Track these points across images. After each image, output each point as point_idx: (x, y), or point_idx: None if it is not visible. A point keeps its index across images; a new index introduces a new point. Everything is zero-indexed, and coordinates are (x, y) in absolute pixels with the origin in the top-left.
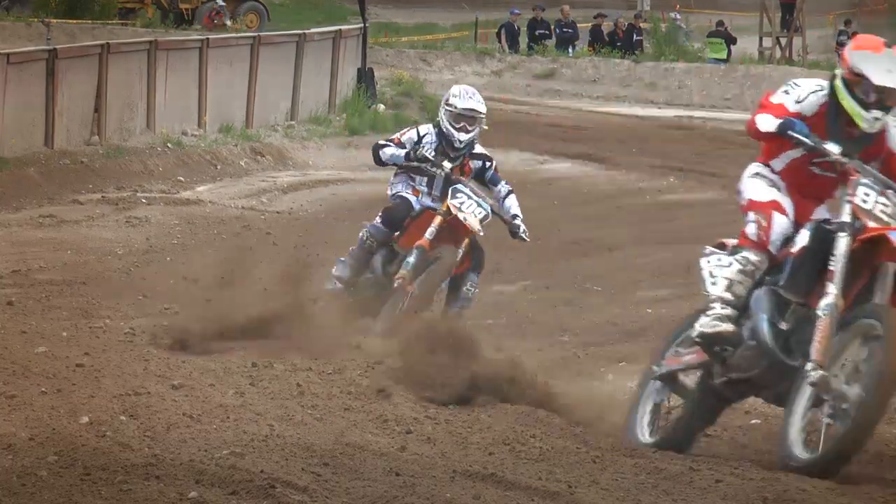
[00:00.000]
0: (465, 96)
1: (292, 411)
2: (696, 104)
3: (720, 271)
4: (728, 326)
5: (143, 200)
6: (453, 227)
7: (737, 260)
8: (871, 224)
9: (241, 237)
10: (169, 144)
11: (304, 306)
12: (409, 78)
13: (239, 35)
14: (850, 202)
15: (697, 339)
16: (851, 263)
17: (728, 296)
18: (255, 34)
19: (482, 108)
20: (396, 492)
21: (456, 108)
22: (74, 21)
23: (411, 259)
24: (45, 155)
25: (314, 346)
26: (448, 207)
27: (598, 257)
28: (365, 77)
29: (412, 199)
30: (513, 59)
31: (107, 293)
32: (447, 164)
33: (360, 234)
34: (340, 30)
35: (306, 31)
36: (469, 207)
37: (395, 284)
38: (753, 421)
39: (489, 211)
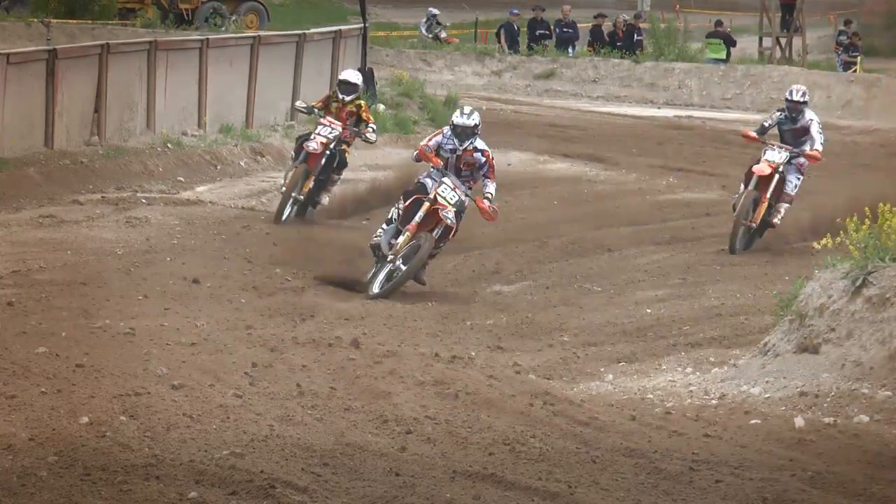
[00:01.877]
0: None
1: (292, 411)
2: (695, 104)
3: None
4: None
5: (143, 201)
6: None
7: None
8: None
9: (241, 237)
10: (169, 145)
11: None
12: (409, 78)
13: (239, 35)
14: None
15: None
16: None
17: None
18: (255, 34)
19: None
20: (396, 492)
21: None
22: (74, 21)
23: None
24: (45, 155)
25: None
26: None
27: (598, 257)
28: (365, 77)
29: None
30: (513, 59)
31: (107, 293)
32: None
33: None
34: (340, 30)
35: (306, 31)
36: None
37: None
38: (753, 421)
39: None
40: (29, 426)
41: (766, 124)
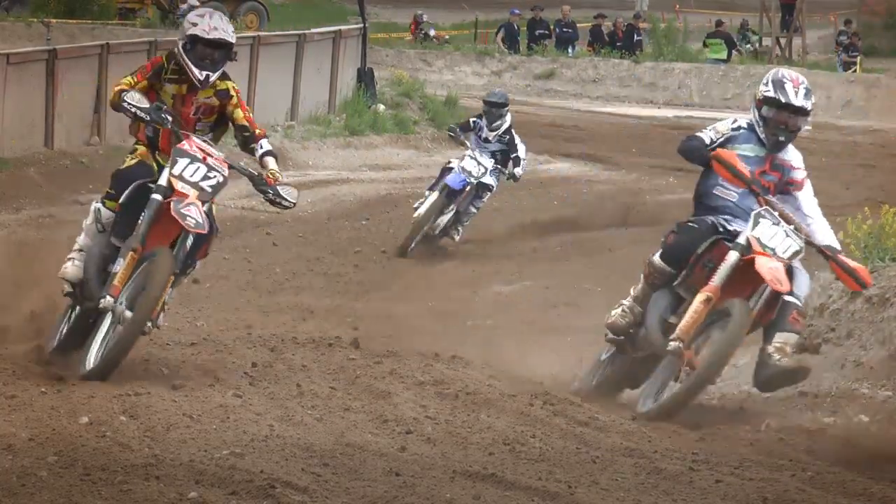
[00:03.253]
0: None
1: (292, 411)
2: (695, 104)
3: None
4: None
5: None
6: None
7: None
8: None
9: (241, 237)
10: None
11: None
12: (409, 78)
13: (239, 35)
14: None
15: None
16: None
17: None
18: (255, 34)
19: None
20: (396, 492)
21: None
22: (74, 21)
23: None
24: (44, 155)
25: None
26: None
27: (599, 257)
28: (365, 77)
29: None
30: (513, 59)
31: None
32: None
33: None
34: (340, 30)
35: (306, 31)
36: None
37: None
38: (752, 421)
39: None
40: (29, 426)
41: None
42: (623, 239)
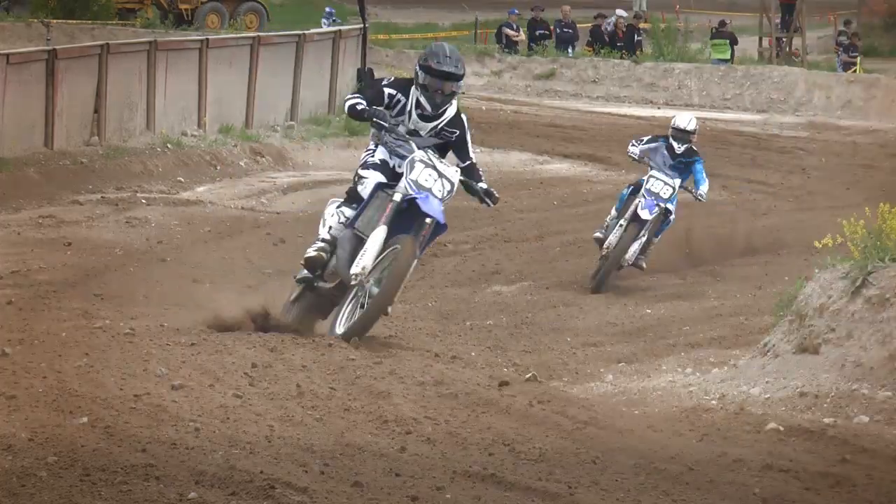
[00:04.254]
0: None
1: (292, 411)
2: (695, 104)
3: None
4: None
5: (143, 201)
6: None
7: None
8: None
9: (241, 237)
10: (169, 145)
11: None
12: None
13: (238, 35)
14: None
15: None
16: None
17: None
18: (255, 34)
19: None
20: (396, 492)
21: None
22: (74, 21)
23: None
24: (44, 155)
25: None
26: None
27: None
28: (365, 77)
29: None
30: (512, 59)
31: (107, 293)
32: None
33: None
34: (340, 30)
35: (306, 32)
36: None
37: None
38: (753, 421)
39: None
40: (29, 426)
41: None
42: None
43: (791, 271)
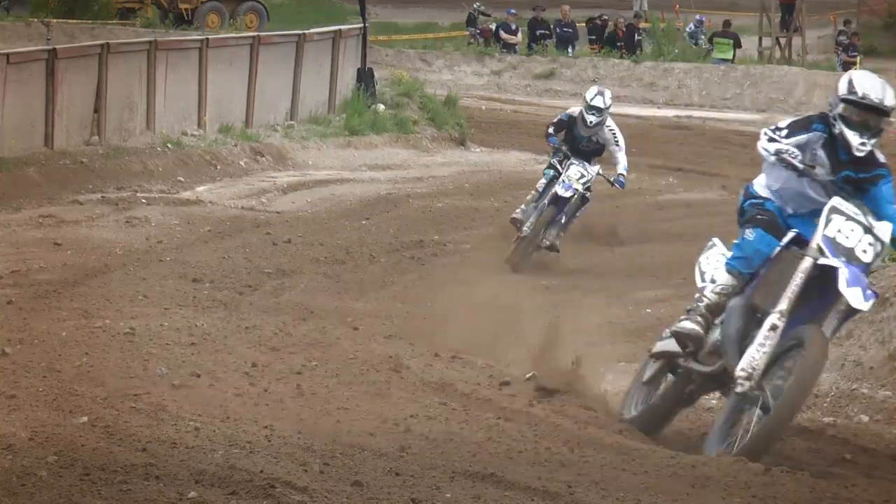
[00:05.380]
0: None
1: (292, 411)
2: (695, 104)
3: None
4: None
5: (143, 200)
6: None
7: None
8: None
9: (241, 237)
10: (169, 144)
11: None
12: (409, 78)
13: (238, 35)
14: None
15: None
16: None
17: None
18: (255, 34)
19: None
20: (396, 492)
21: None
22: (74, 21)
23: None
24: (44, 155)
25: None
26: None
27: (598, 257)
28: (364, 77)
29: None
30: (512, 59)
31: (107, 293)
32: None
33: None
34: (340, 30)
35: (306, 31)
36: None
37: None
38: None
39: None
40: (29, 426)
41: None
42: (623, 239)
43: None
